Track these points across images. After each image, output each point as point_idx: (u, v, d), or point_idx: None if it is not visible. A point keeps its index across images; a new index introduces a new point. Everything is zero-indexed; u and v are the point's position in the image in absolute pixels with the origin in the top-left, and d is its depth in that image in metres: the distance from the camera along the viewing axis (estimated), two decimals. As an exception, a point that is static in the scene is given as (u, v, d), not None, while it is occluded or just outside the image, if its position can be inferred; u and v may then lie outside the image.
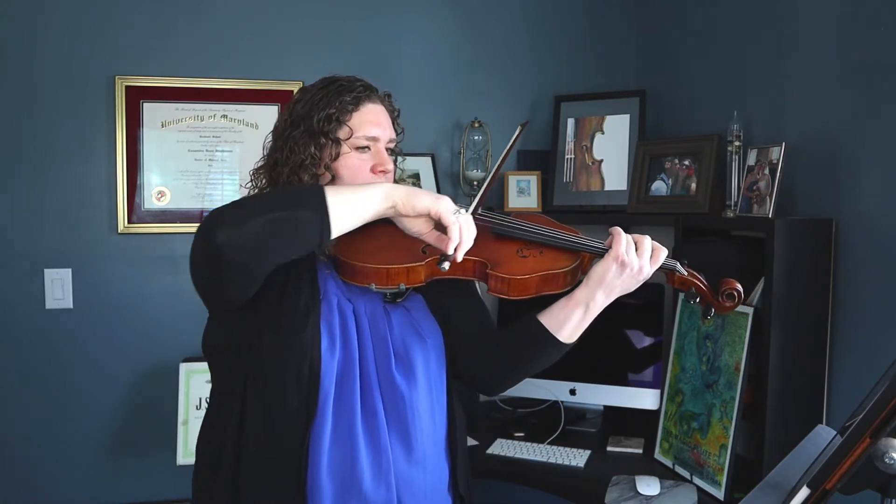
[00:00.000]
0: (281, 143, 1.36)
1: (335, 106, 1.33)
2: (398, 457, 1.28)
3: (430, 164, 2.56)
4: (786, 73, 1.96)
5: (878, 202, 1.68)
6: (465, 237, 1.18)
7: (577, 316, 1.31)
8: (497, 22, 2.64)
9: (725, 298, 1.34)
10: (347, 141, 1.34)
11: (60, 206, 2.32)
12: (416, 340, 1.34)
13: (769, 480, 1.02)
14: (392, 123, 1.44)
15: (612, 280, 1.28)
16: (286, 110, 1.39)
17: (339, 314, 1.30)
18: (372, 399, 1.27)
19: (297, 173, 1.32)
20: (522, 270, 1.29)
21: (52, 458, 2.33)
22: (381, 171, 1.36)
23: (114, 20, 2.33)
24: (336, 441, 1.24)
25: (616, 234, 1.30)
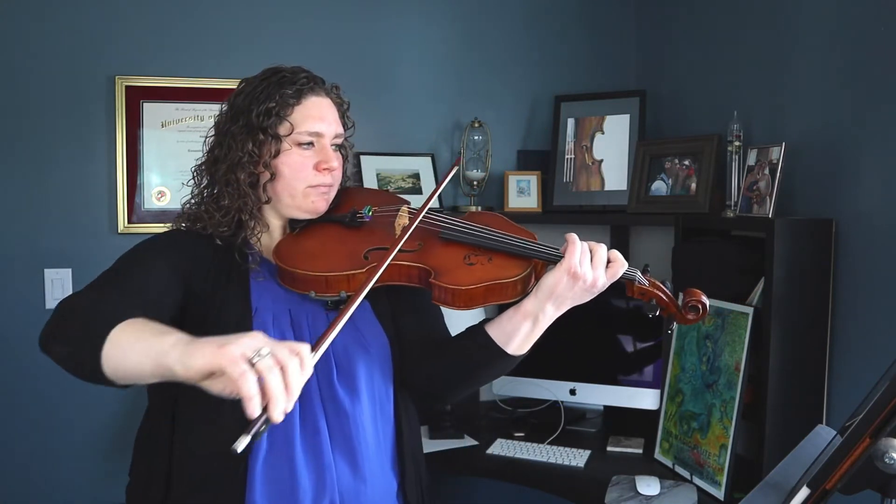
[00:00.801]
0: (220, 138, 1.29)
1: (275, 99, 1.26)
2: (343, 473, 1.22)
3: (430, 164, 2.56)
4: (786, 73, 1.96)
5: (878, 202, 1.68)
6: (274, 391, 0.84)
7: (525, 328, 1.22)
8: (497, 22, 2.64)
9: (689, 310, 1.24)
10: (288, 137, 1.26)
11: (60, 206, 2.31)
12: (360, 350, 1.27)
13: (769, 480, 1.02)
14: (340, 117, 1.35)
15: (563, 292, 1.18)
16: (227, 102, 1.32)
17: (276, 328, 1.22)
18: (313, 415, 1.21)
19: (234, 171, 1.25)
20: (468, 280, 1.20)
21: (52, 457, 2.33)
22: (325, 169, 1.29)
23: (114, 20, 2.32)
24: (272, 461, 1.18)
25: (570, 242, 1.19)
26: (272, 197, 1.29)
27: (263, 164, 1.26)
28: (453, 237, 1.28)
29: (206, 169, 1.31)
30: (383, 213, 1.35)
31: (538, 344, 1.27)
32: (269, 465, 1.18)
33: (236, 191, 1.26)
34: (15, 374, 2.30)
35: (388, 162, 2.51)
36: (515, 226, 1.32)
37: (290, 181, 1.27)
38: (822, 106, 1.85)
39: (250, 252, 1.29)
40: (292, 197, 1.29)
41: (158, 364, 0.92)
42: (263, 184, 1.28)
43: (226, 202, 1.26)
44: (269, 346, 0.87)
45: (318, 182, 1.29)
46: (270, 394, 0.84)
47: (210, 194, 1.30)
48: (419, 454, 1.37)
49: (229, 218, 1.26)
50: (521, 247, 1.24)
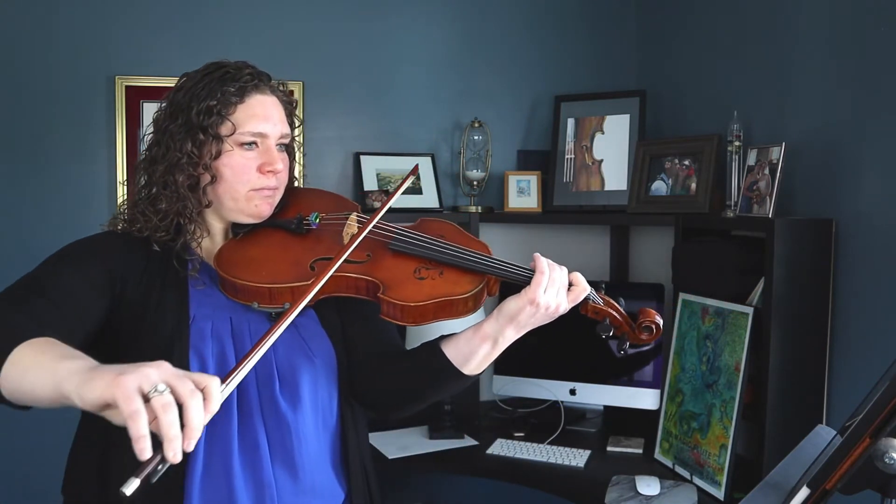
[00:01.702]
0: (159, 136, 1.22)
1: (217, 97, 1.18)
2: (284, 489, 1.17)
3: (430, 164, 2.56)
4: (786, 73, 1.96)
5: (878, 202, 1.68)
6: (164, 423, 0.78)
7: (483, 350, 1.18)
8: (497, 22, 2.64)
9: (642, 330, 1.22)
10: (230, 137, 1.19)
11: (60, 206, 2.31)
12: (304, 361, 1.21)
13: (769, 480, 1.02)
14: (287, 116, 1.27)
15: (525, 319, 1.15)
16: (166, 98, 1.24)
17: (214, 339, 1.16)
18: (253, 429, 1.16)
19: (172, 172, 1.18)
20: (417, 296, 1.15)
21: (52, 457, 2.33)
22: (269, 172, 1.21)
23: (114, 20, 2.32)
24: (209, 479, 1.12)
25: (538, 270, 1.15)
26: (213, 200, 1.22)
27: (203, 165, 1.18)
28: (403, 249, 1.22)
29: (144, 169, 1.23)
30: (331, 221, 1.28)
31: (538, 344, 1.25)
32: (206, 484, 1.12)
33: (174, 193, 1.19)
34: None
35: (388, 162, 2.51)
36: (469, 236, 1.27)
37: (232, 184, 1.20)
38: (822, 106, 1.85)
39: (190, 258, 1.21)
40: (235, 200, 1.22)
41: (56, 390, 0.86)
42: (204, 186, 1.20)
43: (163, 205, 1.19)
44: (171, 380, 0.80)
45: (261, 185, 1.22)
46: (165, 434, 0.77)
47: (147, 196, 1.22)
48: (368, 462, 1.32)
49: (167, 222, 1.19)
50: (475, 261, 1.19)
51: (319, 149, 2.47)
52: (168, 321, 1.14)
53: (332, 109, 2.50)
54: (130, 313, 1.15)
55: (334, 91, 2.49)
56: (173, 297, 1.17)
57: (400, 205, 2.47)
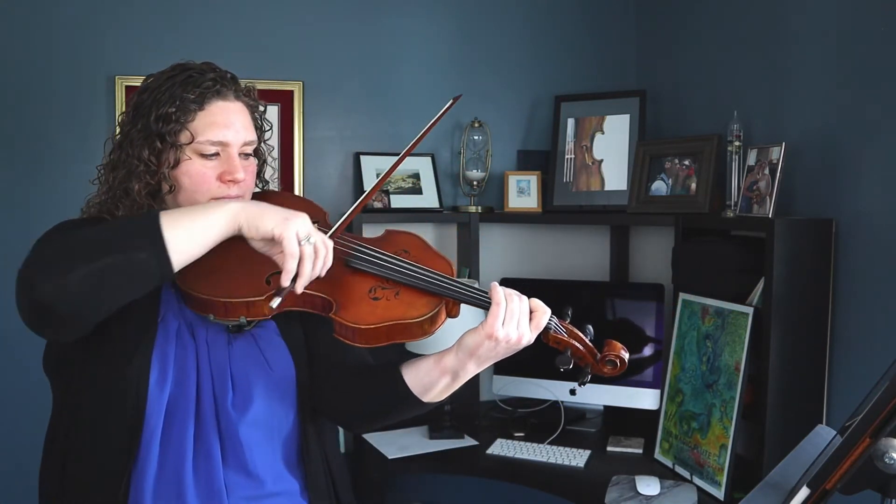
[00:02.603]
0: (120, 139, 1.18)
1: (176, 104, 1.13)
2: (238, 494, 1.15)
3: (430, 164, 2.56)
4: (786, 73, 1.96)
5: (878, 202, 1.68)
6: (307, 268, 1.04)
7: (443, 383, 1.16)
8: (497, 22, 2.64)
9: (605, 364, 1.17)
10: (189, 146, 1.14)
11: (60, 206, 2.31)
12: (260, 372, 1.18)
13: (769, 480, 1.02)
14: (253, 121, 1.23)
15: (486, 353, 1.12)
16: (130, 99, 1.20)
17: (178, 341, 1.14)
18: (207, 438, 1.14)
19: (129, 180, 1.14)
20: (370, 318, 1.10)
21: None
22: (229, 181, 1.16)
23: (114, 20, 2.32)
24: (162, 485, 1.11)
25: (494, 302, 1.11)
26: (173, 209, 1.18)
27: (161, 175, 1.14)
28: (360, 266, 1.17)
29: (106, 173, 1.20)
30: None
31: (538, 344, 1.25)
32: (158, 488, 1.11)
33: (133, 202, 1.15)
34: (15, 374, 2.30)
35: (388, 162, 2.50)
36: (434, 252, 1.23)
37: (190, 194, 1.15)
38: (822, 106, 1.85)
39: None
40: None
41: (231, 223, 1.04)
42: (163, 195, 1.17)
43: (120, 213, 1.16)
44: (314, 235, 1.05)
45: (221, 194, 1.17)
46: (303, 272, 1.04)
47: (108, 200, 1.19)
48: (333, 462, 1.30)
49: None
50: (433, 282, 1.14)
51: (319, 149, 2.47)
52: (136, 319, 1.12)
53: (332, 109, 2.50)
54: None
55: (334, 91, 2.49)
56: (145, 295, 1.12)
57: (400, 205, 2.48)
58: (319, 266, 1.06)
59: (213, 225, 1.03)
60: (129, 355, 1.10)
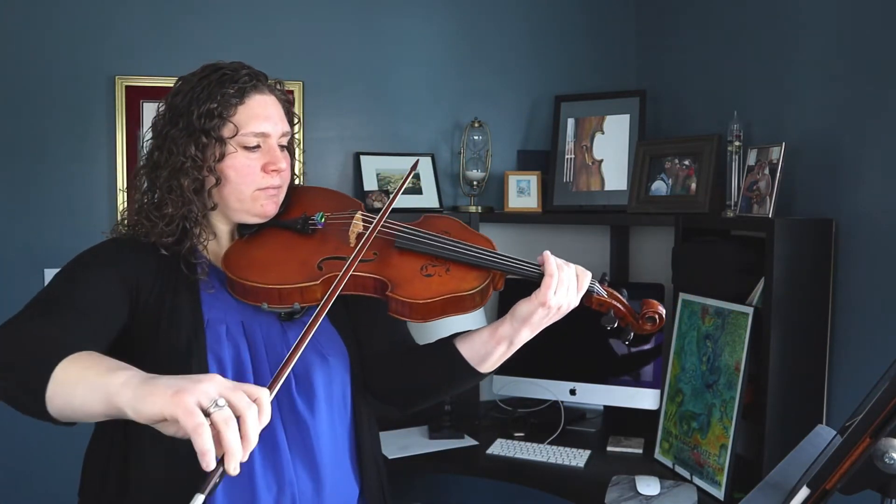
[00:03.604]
0: (159, 141, 1.21)
1: (217, 100, 1.18)
2: (304, 487, 1.18)
3: (430, 164, 2.56)
4: (786, 73, 1.96)
5: (878, 202, 1.68)
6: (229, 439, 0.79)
7: (500, 351, 1.22)
8: (497, 22, 2.64)
9: (646, 321, 1.23)
10: (233, 139, 1.19)
11: (60, 206, 2.31)
12: (318, 360, 1.22)
13: (769, 480, 1.02)
14: (286, 114, 1.28)
15: (539, 320, 1.18)
16: (164, 102, 1.24)
17: (229, 341, 1.17)
18: (272, 430, 1.16)
19: (176, 177, 1.18)
20: (426, 293, 1.16)
21: (53, 458, 2.33)
22: (273, 171, 1.22)
23: (114, 20, 2.32)
24: (231, 480, 1.09)
25: (547, 273, 1.16)
26: (219, 202, 1.23)
27: (208, 168, 1.18)
28: (410, 247, 1.23)
29: (146, 174, 1.23)
30: (336, 220, 1.29)
31: (538, 344, 1.26)
32: (229, 486, 1.13)
33: (180, 198, 1.18)
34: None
35: (388, 162, 2.51)
36: (473, 232, 1.28)
37: (237, 185, 1.20)
38: (822, 106, 1.85)
39: (198, 262, 1.21)
40: (240, 201, 1.22)
41: (109, 404, 0.86)
42: (209, 189, 1.20)
43: (169, 210, 1.18)
44: (227, 394, 0.82)
45: (266, 184, 1.22)
46: (227, 448, 0.79)
47: (151, 201, 1.22)
48: (380, 460, 1.34)
49: (173, 226, 1.19)
50: (480, 257, 1.20)
51: (319, 149, 2.47)
52: (183, 325, 1.14)
53: (332, 109, 2.50)
54: (146, 318, 1.15)
55: (334, 91, 2.50)
56: (186, 300, 1.17)
57: (400, 205, 2.48)
58: (251, 429, 0.81)
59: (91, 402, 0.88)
60: (186, 360, 1.12)
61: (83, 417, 0.91)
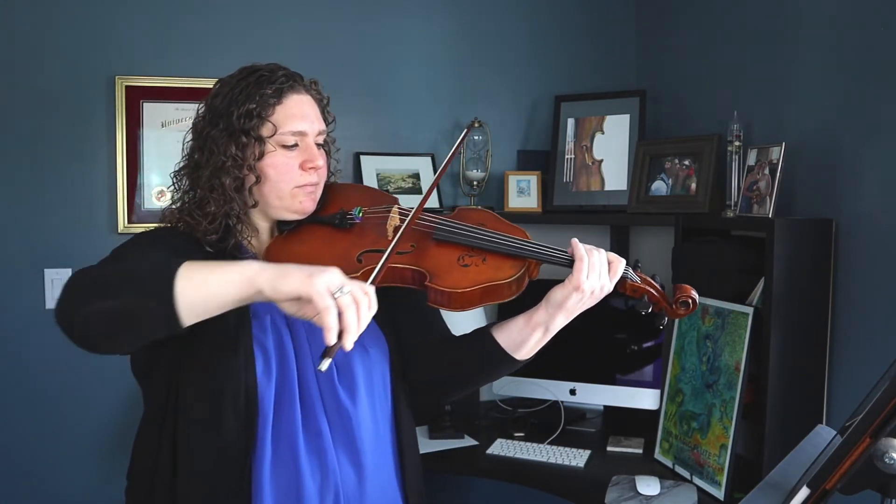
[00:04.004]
0: (200, 142, 1.25)
1: (255, 100, 1.22)
2: (347, 474, 1.22)
3: (429, 164, 2.56)
4: (786, 73, 1.96)
5: (878, 202, 1.68)
6: (350, 321, 0.98)
7: (536, 337, 1.25)
8: (497, 22, 2.64)
9: (679, 306, 1.25)
10: (272, 138, 1.23)
11: (60, 206, 2.31)
12: (358, 351, 1.26)
13: (769, 480, 1.02)
14: (321, 113, 1.32)
15: (573, 305, 1.21)
16: (204, 104, 1.28)
17: (273, 331, 1.21)
18: (315, 418, 1.21)
19: (218, 176, 1.22)
20: (464, 282, 1.19)
21: (53, 458, 2.33)
22: (311, 168, 1.26)
23: (114, 20, 2.32)
24: (278, 466, 1.18)
25: (577, 258, 1.19)
26: (259, 200, 1.26)
27: (248, 167, 1.22)
28: (447, 238, 1.26)
29: (188, 174, 1.27)
30: (374, 214, 1.33)
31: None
32: (275, 470, 1.18)
33: (222, 196, 1.22)
34: (15, 374, 2.30)
35: (388, 162, 2.51)
36: (507, 223, 1.31)
37: (276, 183, 1.24)
38: (822, 106, 1.85)
39: (243, 257, 1.26)
40: (280, 199, 1.26)
41: (248, 286, 0.99)
42: (249, 187, 1.24)
43: (212, 208, 1.22)
44: (347, 283, 0.99)
45: (304, 182, 1.26)
46: (347, 326, 0.97)
47: (193, 200, 1.26)
48: (416, 451, 1.38)
49: (216, 224, 1.23)
50: (515, 247, 1.23)
51: (319, 149, 2.47)
52: (231, 315, 1.14)
53: (333, 109, 2.47)
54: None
55: (334, 91, 2.46)
56: None
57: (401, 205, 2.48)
58: (364, 314, 1.00)
59: (232, 285, 1.00)
60: (233, 350, 1.16)
61: (213, 308, 1.01)
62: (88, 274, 1.05)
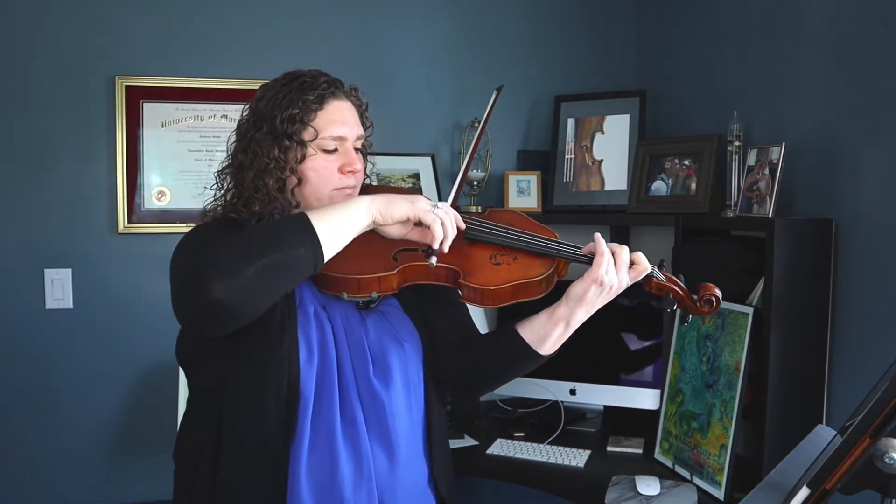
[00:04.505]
0: (244, 144, 1.31)
1: (298, 105, 1.28)
2: (380, 462, 1.27)
3: (430, 164, 2.56)
4: (786, 73, 1.96)
5: (878, 202, 1.68)
6: (449, 229, 1.19)
7: (558, 332, 1.30)
8: (497, 22, 2.64)
9: (703, 304, 1.30)
10: (313, 142, 1.29)
11: (60, 206, 2.32)
12: (393, 345, 1.32)
13: (769, 480, 1.02)
14: (360, 119, 1.38)
15: (592, 298, 1.26)
16: (248, 108, 1.35)
17: (317, 322, 1.27)
18: (351, 407, 1.26)
19: (261, 177, 1.28)
20: (496, 280, 1.25)
21: (53, 458, 2.33)
22: (349, 172, 1.32)
23: (114, 20, 2.33)
24: (315, 451, 1.23)
25: (598, 252, 1.25)
26: (300, 201, 1.32)
27: (290, 169, 1.28)
28: (479, 237, 1.31)
29: (232, 174, 1.34)
30: None
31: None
32: (312, 456, 1.23)
33: (265, 196, 1.28)
34: (15, 374, 2.30)
35: (388, 162, 2.51)
36: (536, 223, 1.36)
37: (316, 185, 1.30)
38: (822, 106, 1.85)
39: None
40: (319, 200, 1.31)
41: (366, 216, 1.17)
42: (291, 188, 1.30)
43: (256, 208, 1.29)
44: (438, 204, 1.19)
45: (343, 184, 1.32)
46: (447, 231, 1.18)
47: (238, 199, 1.32)
48: (447, 445, 1.44)
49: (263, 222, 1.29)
50: (545, 246, 1.29)
51: (319, 149, 2.47)
52: (278, 306, 1.23)
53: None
54: None
55: (334, 91, 2.49)
56: None
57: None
58: (454, 225, 1.20)
59: (354, 219, 1.16)
60: (278, 337, 1.22)
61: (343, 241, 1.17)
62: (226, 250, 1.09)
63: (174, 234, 2.39)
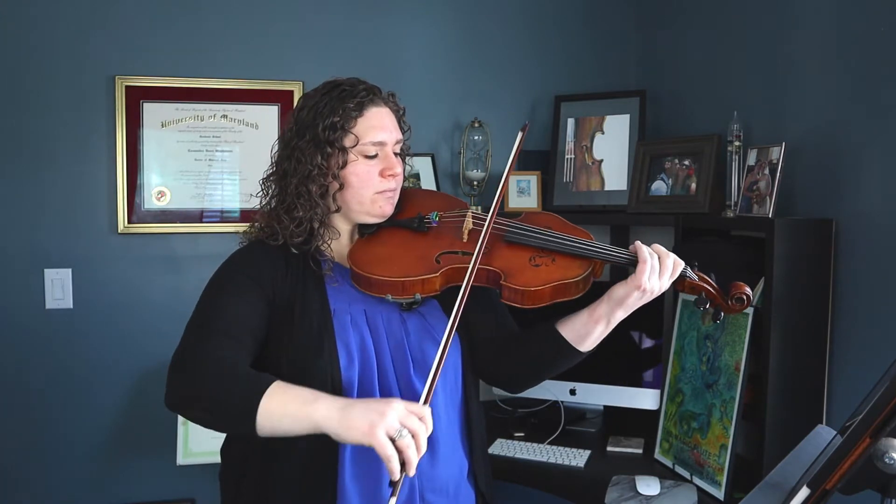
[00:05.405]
0: (288, 152, 1.35)
1: (339, 114, 1.32)
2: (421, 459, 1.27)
3: (430, 164, 2.56)
4: (786, 73, 1.96)
5: (878, 202, 1.68)
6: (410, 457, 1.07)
7: (598, 331, 1.34)
8: (497, 22, 2.64)
9: (735, 302, 1.33)
10: (354, 148, 1.33)
11: (60, 206, 2.32)
12: (433, 345, 1.34)
13: (769, 480, 1.02)
14: (398, 123, 1.42)
15: (633, 302, 1.30)
16: (290, 117, 1.39)
17: (354, 328, 1.32)
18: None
19: (305, 184, 1.32)
20: (536, 281, 1.29)
21: (53, 457, 2.33)
22: (389, 175, 1.36)
23: (114, 20, 2.33)
24: (359, 451, 1.27)
25: (641, 259, 1.27)
26: (342, 205, 1.36)
27: (332, 175, 1.32)
28: (518, 240, 1.35)
29: (276, 182, 1.38)
30: (449, 218, 1.43)
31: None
32: (355, 454, 1.28)
33: (308, 202, 1.32)
34: (15, 374, 2.30)
35: (388, 162, 2.51)
36: (571, 226, 1.39)
37: (358, 190, 1.34)
38: (822, 106, 1.85)
39: (322, 259, 1.36)
40: (361, 204, 1.36)
41: (314, 429, 1.11)
42: (333, 193, 1.35)
43: (300, 213, 1.33)
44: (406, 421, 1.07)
45: (384, 188, 1.36)
46: (409, 461, 1.07)
47: (281, 205, 1.35)
48: (485, 443, 1.48)
49: (303, 227, 1.34)
50: (582, 248, 1.32)
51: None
52: (315, 315, 1.30)
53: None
54: (281, 313, 1.31)
55: (334, 91, 2.49)
56: (315, 294, 1.33)
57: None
58: (422, 444, 1.09)
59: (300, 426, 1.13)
60: (318, 349, 1.27)
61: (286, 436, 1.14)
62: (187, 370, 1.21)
63: (174, 234, 2.39)
